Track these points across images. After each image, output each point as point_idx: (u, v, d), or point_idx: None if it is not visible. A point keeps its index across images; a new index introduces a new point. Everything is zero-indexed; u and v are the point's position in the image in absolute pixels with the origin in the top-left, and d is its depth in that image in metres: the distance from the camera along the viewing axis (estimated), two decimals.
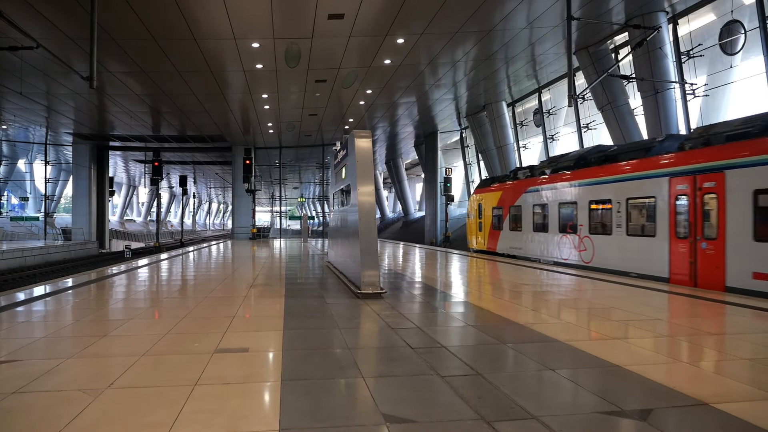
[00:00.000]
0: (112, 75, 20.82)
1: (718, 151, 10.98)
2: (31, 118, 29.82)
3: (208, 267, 15.93)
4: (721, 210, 10.70)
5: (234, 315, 7.31)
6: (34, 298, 9.03)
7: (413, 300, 8.87)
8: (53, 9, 14.73)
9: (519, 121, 27.93)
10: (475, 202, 23.25)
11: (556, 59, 20.65)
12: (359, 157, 9.51)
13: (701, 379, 4.53)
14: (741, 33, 14.81)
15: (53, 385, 4.26)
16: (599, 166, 14.98)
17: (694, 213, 11.41)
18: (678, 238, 11.88)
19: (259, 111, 27.52)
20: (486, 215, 21.98)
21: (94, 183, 38.67)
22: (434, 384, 4.29)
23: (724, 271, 10.61)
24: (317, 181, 58.75)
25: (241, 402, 3.91)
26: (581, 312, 7.77)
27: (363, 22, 15.90)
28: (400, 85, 23.44)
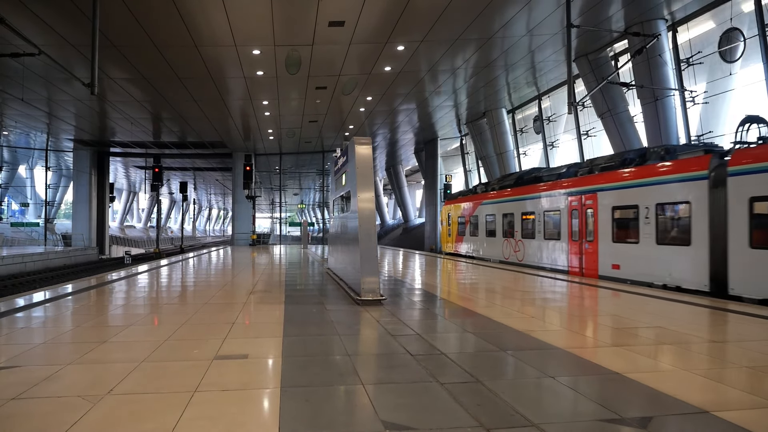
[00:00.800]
0: (113, 81, 20.88)
1: (594, 178, 15.21)
2: (32, 124, 29.88)
3: (207, 273, 15.92)
4: (596, 220, 14.75)
5: (234, 321, 7.30)
6: (33, 303, 9.02)
7: (413, 307, 8.87)
8: (55, 16, 14.80)
9: (519, 128, 27.99)
10: (445, 212, 27.65)
11: (555, 66, 20.72)
12: (359, 164, 9.52)
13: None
14: (740, 41, 14.87)
15: (53, 391, 4.25)
16: (528, 186, 19.06)
17: (581, 222, 15.44)
18: (572, 240, 15.89)
19: (260, 117, 27.58)
20: (453, 223, 26.17)
21: (94, 189, 38.68)
22: (434, 391, 4.28)
23: (597, 264, 14.68)
24: (317, 187, 58.86)
25: (240, 409, 3.90)
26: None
27: (363, 30, 15.96)
28: (400, 92, 23.50)
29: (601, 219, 14.43)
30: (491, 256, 21.33)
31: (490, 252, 21.50)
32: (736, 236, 10.40)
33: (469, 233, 24.00)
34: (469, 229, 23.96)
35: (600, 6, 15.25)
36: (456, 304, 9.21)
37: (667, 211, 12.53)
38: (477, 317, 7.72)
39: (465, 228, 24.44)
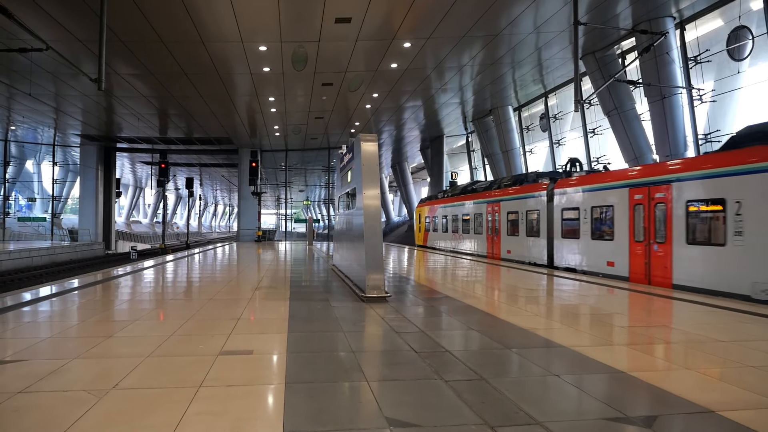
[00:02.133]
0: (120, 77, 20.94)
1: (502, 192, 20.51)
2: (39, 119, 30.03)
3: (213, 269, 15.97)
4: (500, 221, 20.28)
5: (239, 317, 7.32)
6: (40, 298, 9.08)
7: (417, 304, 8.87)
8: (63, 11, 14.85)
9: (525, 126, 27.90)
10: (417, 212, 33.49)
11: (562, 64, 20.63)
12: (365, 161, 9.52)
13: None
14: (749, 39, 14.76)
15: (58, 385, 4.28)
16: (467, 195, 24.54)
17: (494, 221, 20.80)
18: (488, 234, 21.35)
19: (266, 114, 27.61)
20: (422, 221, 31.85)
21: (101, 184, 38.85)
22: (438, 388, 4.28)
23: (500, 249, 20.28)
24: (323, 184, 58.84)
25: (245, 404, 3.91)
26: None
27: (370, 26, 15.94)
28: (407, 89, 23.47)
29: (503, 220, 20.06)
30: (444, 248, 27.05)
31: (444, 245, 27.29)
32: (556, 231, 16.15)
33: (432, 229, 29.89)
34: (432, 226, 29.88)
35: (607, 3, 15.15)
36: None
37: (530, 215, 18.00)
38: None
39: (430, 225, 30.35)
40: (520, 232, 18.69)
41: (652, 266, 11.95)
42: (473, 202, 23.30)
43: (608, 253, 13.60)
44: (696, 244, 10.83)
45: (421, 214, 32.36)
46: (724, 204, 10.09)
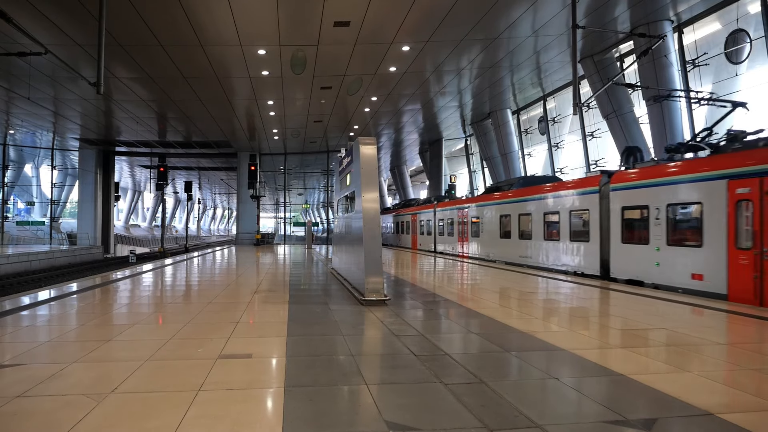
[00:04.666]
0: (119, 81, 20.96)
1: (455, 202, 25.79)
2: (38, 123, 30.02)
3: (212, 273, 15.96)
4: (464, 224, 24.03)
5: (238, 321, 7.32)
6: (39, 302, 9.06)
7: (416, 307, 8.85)
8: (62, 15, 14.87)
9: (524, 129, 27.93)
10: (392, 217, 39.11)
11: (561, 67, 20.68)
12: (364, 164, 9.52)
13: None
14: (746, 42, 14.81)
15: (57, 389, 4.27)
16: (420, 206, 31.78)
17: (462, 226, 24.07)
18: (460, 237, 24.51)
19: (265, 117, 27.62)
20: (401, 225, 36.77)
21: (99, 188, 38.83)
22: (437, 391, 4.28)
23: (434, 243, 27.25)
24: (322, 187, 58.83)
25: (244, 408, 3.91)
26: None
27: (369, 30, 15.97)
28: (405, 92, 23.50)
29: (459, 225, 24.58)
30: (422, 248, 30.60)
31: (421, 245, 31.01)
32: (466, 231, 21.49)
33: (409, 233, 34.32)
34: (406, 228, 35.05)
35: (606, 7, 15.21)
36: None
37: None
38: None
39: (402, 228, 35.93)
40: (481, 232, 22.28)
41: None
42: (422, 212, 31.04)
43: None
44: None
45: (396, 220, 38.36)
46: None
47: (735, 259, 9.93)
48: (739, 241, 9.87)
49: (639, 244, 12.52)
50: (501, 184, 22.53)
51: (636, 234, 12.74)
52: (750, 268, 9.58)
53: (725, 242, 10.13)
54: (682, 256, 11.24)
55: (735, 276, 9.91)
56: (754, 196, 9.52)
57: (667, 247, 11.63)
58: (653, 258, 12.00)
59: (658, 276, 11.86)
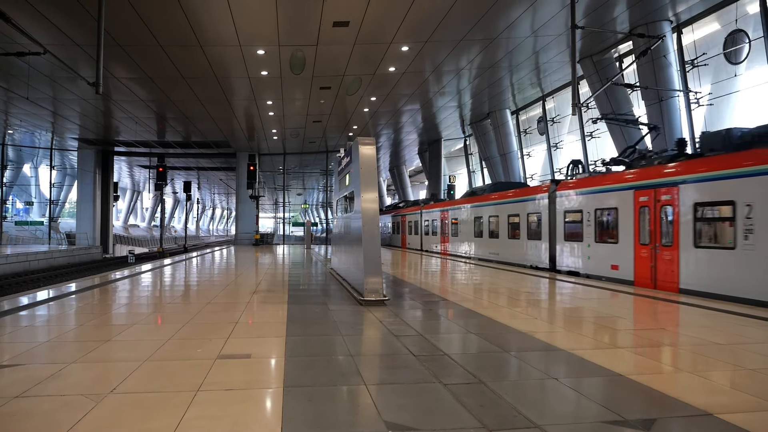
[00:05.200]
0: (118, 81, 20.94)
1: (438, 204, 27.91)
2: (37, 123, 29.98)
3: (211, 273, 15.95)
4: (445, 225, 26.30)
5: (237, 321, 7.31)
6: (37, 302, 9.05)
7: (416, 307, 8.85)
8: (61, 15, 14.86)
9: (523, 129, 27.94)
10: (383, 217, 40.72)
11: (560, 67, 20.68)
12: (363, 164, 9.52)
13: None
14: (745, 42, 14.82)
15: (56, 389, 4.27)
16: (409, 207, 34.07)
17: (444, 226, 26.51)
18: (442, 235, 26.57)
19: (264, 117, 27.61)
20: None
21: (98, 188, 38.79)
22: (437, 392, 4.28)
23: (421, 243, 30.03)
24: (321, 187, 58.82)
25: (243, 408, 3.91)
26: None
27: (368, 30, 15.96)
28: (405, 92, 23.50)
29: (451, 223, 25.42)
30: (414, 247, 32.15)
31: (411, 244, 32.86)
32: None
33: (399, 233, 36.17)
34: (396, 228, 36.93)
35: (605, 7, 15.22)
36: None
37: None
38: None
39: (393, 228, 37.97)
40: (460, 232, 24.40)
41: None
42: (411, 213, 33.02)
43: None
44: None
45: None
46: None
47: (639, 253, 12.41)
48: (641, 239, 12.33)
49: (576, 242, 15.01)
50: (476, 189, 25.75)
51: (574, 233, 15.17)
52: (648, 259, 12.09)
53: (632, 239, 12.58)
54: (604, 251, 13.71)
55: (639, 266, 12.39)
56: (651, 203, 12.04)
57: (594, 243, 14.12)
58: (585, 253, 14.52)
59: (588, 267, 14.37)
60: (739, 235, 9.68)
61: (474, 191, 24.72)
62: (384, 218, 40.30)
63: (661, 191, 11.72)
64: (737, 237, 9.73)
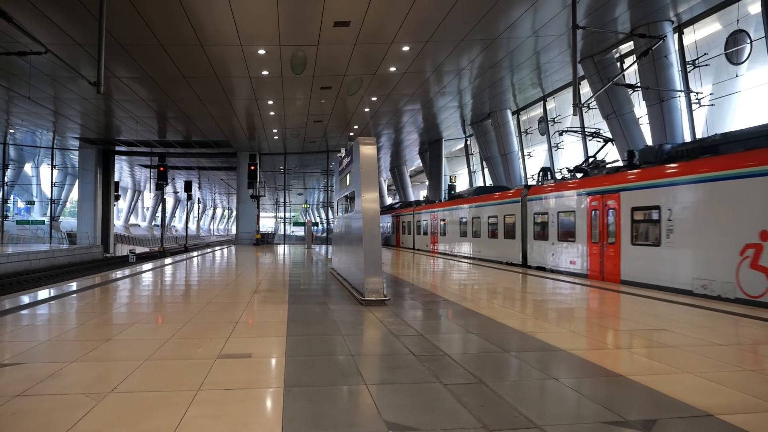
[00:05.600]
0: (119, 80, 20.95)
1: (428, 206, 29.78)
2: (38, 123, 30.02)
3: (211, 272, 15.96)
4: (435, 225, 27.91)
5: (237, 320, 7.31)
6: (38, 301, 9.06)
7: (416, 307, 8.86)
8: (62, 15, 14.86)
9: (524, 129, 27.94)
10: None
11: (561, 68, 20.68)
12: (364, 164, 9.52)
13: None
14: (747, 42, 14.81)
15: (57, 388, 4.27)
16: (403, 209, 35.91)
17: (432, 227, 28.57)
18: (432, 234, 28.21)
19: (265, 117, 27.62)
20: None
21: (99, 187, 38.82)
22: (437, 392, 4.28)
23: (413, 242, 32.23)
24: (321, 187, 58.81)
25: (243, 408, 3.91)
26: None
27: (369, 30, 15.96)
28: (405, 92, 23.50)
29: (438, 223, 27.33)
30: (409, 246, 33.49)
31: (406, 243, 34.17)
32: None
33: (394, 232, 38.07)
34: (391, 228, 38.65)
35: (606, 7, 15.21)
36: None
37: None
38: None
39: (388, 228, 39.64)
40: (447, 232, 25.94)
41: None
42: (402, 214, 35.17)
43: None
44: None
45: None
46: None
47: (591, 250, 14.18)
48: (593, 238, 14.07)
49: (543, 240, 16.69)
50: (462, 192, 28.14)
51: (542, 233, 16.83)
52: (598, 255, 13.83)
53: (586, 238, 14.36)
54: (565, 248, 15.47)
55: (591, 261, 14.18)
56: (600, 207, 13.77)
57: (557, 242, 15.89)
58: (550, 250, 16.24)
59: (553, 263, 16.09)
60: (663, 234, 11.46)
61: (460, 194, 27.07)
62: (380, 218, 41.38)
63: (607, 197, 13.53)
64: (661, 236, 11.52)
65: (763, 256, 9.16)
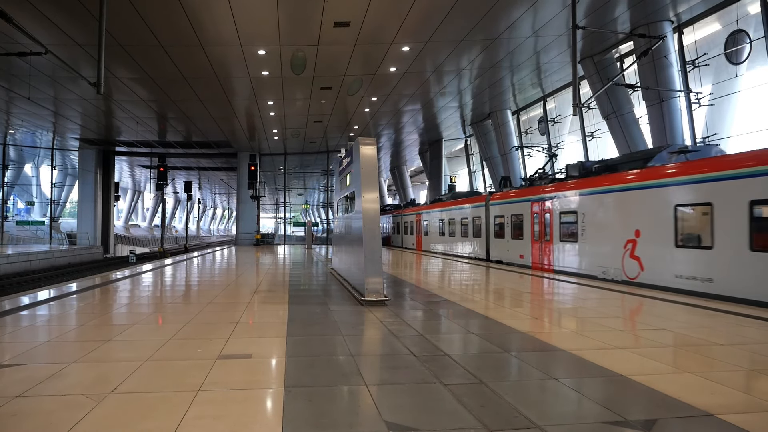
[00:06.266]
0: (119, 81, 20.96)
1: (413, 209, 33.53)
2: (38, 123, 30.01)
3: (212, 273, 15.96)
4: (419, 226, 30.96)
5: (237, 321, 7.32)
6: (38, 302, 9.06)
7: (416, 307, 8.86)
8: (62, 15, 14.86)
9: (524, 129, 27.94)
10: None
11: (561, 68, 20.67)
12: (364, 165, 9.52)
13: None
14: (746, 42, 14.81)
15: (57, 389, 4.27)
16: (393, 210, 38.94)
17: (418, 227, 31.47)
18: (418, 234, 30.24)
19: (265, 117, 27.62)
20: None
21: (99, 188, 38.82)
22: (437, 392, 4.28)
23: (401, 241, 35.55)
24: (322, 187, 58.83)
25: (243, 408, 3.91)
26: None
27: (369, 30, 15.96)
28: (405, 92, 23.50)
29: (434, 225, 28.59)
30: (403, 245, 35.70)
31: (400, 242, 36.19)
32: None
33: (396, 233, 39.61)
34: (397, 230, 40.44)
35: (606, 7, 15.21)
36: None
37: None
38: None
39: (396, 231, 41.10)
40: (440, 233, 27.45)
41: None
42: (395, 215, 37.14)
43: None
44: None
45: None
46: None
47: (533, 246, 17.48)
48: (535, 236, 17.33)
49: (501, 239, 20.00)
50: (441, 196, 31.38)
51: (500, 232, 20.11)
52: (538, 250, 17.12)
53: (530, 236, 17.64)
54: (516, 245, 18.74)
55: (533, 255, 17.45)
56: (539, 211, 17.09)
57: (511, 239, 19.18)
58: (506, 247, 19.50)
59: (508, 257, 19.31)
60: (579, 233, 14.91)
61: (439, 198, 30.47)
62: None
63: (543, 203, 16.90)
64: (578, 234, 14.95)
65: (637, 248, 12.65)
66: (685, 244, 11.33)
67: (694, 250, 11.08)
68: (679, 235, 11.45)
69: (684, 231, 11.40)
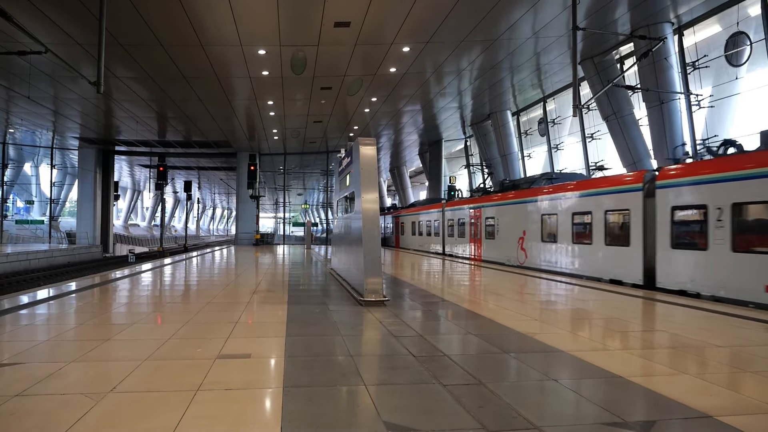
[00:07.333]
0: (119, 80, 20.95)
1: (403, 210, 38.25)
2: (38, 122, 29.99)
3: (211, 272, 15.95)
4: (410, 226, 34.90)
5: (237, 321, 7.31)
6: (37, 301, 9.05)
7: (415, 308, 8.85)
8: (62, 14, 14.86)
9: (524, 131, 27.95)
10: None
11: (561, 69, 20.69)
12: (363, 165, 9.52)
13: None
14: (747, 44, 14.82)
15: (56, 388, 4.27)
16: (386, 213, 41.86)
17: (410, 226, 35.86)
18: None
19: (265, 117, 27.62)
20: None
21: (99, 187, 38.79)
22: (436, 392, 4.28)
23: (386, 240, 40.92)
24: (321, 187, 58.85)
25: (242, 408, 3.91)
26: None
27: (369, 31, 15.97)
28: (405, 93, 23.51)
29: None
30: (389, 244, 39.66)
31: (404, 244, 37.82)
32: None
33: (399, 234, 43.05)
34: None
35: (606, 9, 15.22)
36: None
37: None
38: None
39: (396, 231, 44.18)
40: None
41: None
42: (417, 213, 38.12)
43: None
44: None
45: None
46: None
47: (471, 243, 23.20)
48: (472, 236, 22.91)
49: (452, 237, 25.74)
50: (416, 201, 37.86)
51: (452, 233, 25.78)
52: (474, 246, 22.82)
53: (468, 236, 23.48)
54: (461, 242, 24.57)
55: (471, 249, 23.19)
56: (475, 217, 22.71)
57: (458, 237, 24.94)
58: (454, 243, 25.39)
59: (456, 252, 24.98)
60: (496, 232, 20.65)
61: (414, 203, 36.91)
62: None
63: (477, 211, 22.65)
64: (495, 233, 20.73)
65: (524, 243, 18.30)
66: (546, 240, 17.11)
67: (551, 244, 16.79)
68: (544, 234, 17.21)
69: (546, 231, 17.10)
